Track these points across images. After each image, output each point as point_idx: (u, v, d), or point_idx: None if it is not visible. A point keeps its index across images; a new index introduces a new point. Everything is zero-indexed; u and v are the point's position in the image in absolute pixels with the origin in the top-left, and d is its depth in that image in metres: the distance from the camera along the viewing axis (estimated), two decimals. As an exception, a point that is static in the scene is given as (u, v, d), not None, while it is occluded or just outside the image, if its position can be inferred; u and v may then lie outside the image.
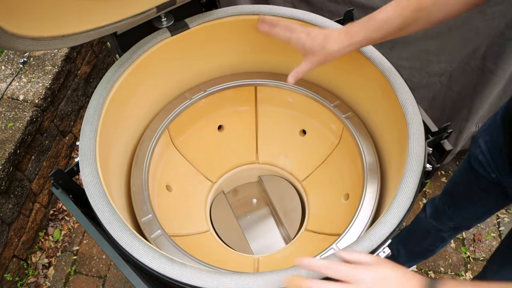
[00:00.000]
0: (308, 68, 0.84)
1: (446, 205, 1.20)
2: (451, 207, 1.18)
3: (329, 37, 0.80)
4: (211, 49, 1.10)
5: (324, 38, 0.80)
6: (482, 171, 0.99)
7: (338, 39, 0.80)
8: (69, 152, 1.85)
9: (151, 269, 0.68)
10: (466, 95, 1.45)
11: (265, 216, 1.26)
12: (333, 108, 1.09)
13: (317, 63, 0.83)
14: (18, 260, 1.58)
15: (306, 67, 0.84)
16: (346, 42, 0.79)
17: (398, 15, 0.75)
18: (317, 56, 0.81)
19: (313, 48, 0.81)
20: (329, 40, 0.80)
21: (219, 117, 1.23)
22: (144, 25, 0.98)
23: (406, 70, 1.41)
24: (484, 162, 0.97)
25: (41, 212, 1.69)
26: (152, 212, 0.91)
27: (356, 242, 0.70)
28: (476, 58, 1.34)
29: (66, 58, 1.70)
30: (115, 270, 1.65)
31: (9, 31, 0.59)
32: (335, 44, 0.79)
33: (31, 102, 1.55)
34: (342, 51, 0.80)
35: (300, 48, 0.83)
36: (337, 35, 0.80)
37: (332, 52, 0.80)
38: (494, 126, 0.94)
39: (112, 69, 0.94)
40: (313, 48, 0.81)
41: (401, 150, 0.86)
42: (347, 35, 0.79)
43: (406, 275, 0.57)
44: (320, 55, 0.81)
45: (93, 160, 0.80)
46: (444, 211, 1.21)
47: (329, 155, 1.18)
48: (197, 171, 1.23)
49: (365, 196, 0.91)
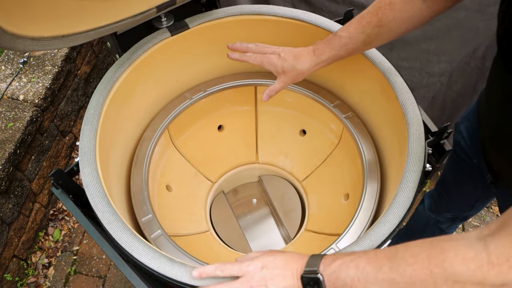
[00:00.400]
0: (281, 87, 0.90)
1: (440, 194, 1.21)
2: (445, 196, 1.20)
3: (298, 57, 0.86)
4: (211, 49, 1.10)
5: (294, 58, 0.86)
6: (465, 157, 1.00)
7: (307, 58, 0.86)
8: (69, 152, 1.85)
9: (151, 269, 0.68)
10: (466, 95, 1.45)
11: (265, 216, 1.26)
12: (333, 108, 1.09)
13: (289, 82, 0.89)
14: (18, 260, 1.58)
15: (279, 86, 0.90)
16: (314, 60, 0.86)
17: (361, 32, 0.81)
18: (289, 75, 0.88)
19: (284, 68, 0.87)
20: (298, 60, 0.86)
21: (219, 117, 1.23)
22: (144, 25, 0.98)
23: (406, 70, 1.41)
24: (466, 147, 0.98)
25: (41, 212, 1.69)
26: (152, 212, 0.91)
27: (356, 242, 0.70)
28: (476, 58, 1.34)
29: (66, 58, 1.70)
30: (115, 270, 1.65)
31: (9, 31, 0.59)
32: (305, 64, 0.86)
33: (31, 102, 1.55)
34: (312, 69, 0.87)
35: (273, 69, 0.89)
36: (306, 54, 0.86)
37: (302, 70, 0.87)
38: (472, 111, 0.95)
39: (112, 69, 0.94)
40: (284, 69, 0.87)
41: (401, 150, 0.86)
42: (315, 54, 0.86)
43: (292, 256, 0.61)
44: (292, 74, 0.87)
45: (93, 160, 0.80)
46: (440, 201, 1.22)
47: (329, 155, 1.18)
48: (197, 171, 1.23)
49: (365, 196, 0.91)
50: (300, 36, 1.06)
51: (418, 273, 0.49)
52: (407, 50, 1.36)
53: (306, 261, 0.60)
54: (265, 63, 0.90)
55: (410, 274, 0.50)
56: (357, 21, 0.82)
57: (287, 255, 0.62)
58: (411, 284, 0.50)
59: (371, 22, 0.80)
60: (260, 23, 1.05)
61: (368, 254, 0.55)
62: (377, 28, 0.80)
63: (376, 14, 0.79)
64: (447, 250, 0.48)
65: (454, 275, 0.47)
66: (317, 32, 1.02)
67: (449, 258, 0.48)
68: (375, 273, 0.53)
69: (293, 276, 0.59)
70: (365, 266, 0.54)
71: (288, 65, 0.87)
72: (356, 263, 0.55)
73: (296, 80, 0.89)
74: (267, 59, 0.89)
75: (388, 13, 0.78)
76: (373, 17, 0.79)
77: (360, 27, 0.81)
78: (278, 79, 0.90)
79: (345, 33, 0.83)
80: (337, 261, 0.57)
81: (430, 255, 0.49)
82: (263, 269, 0.61)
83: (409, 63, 1.40)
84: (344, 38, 0.83)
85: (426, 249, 0.50)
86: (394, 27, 0.79)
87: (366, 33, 0.81)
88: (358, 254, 0.56)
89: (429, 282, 0.49)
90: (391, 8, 0.77)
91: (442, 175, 1.19)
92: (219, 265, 0.64)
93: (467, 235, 0.50)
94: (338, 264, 0.56)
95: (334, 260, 0.57)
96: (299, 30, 1.04)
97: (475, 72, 1.37)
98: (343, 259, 0.57)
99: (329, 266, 0.57)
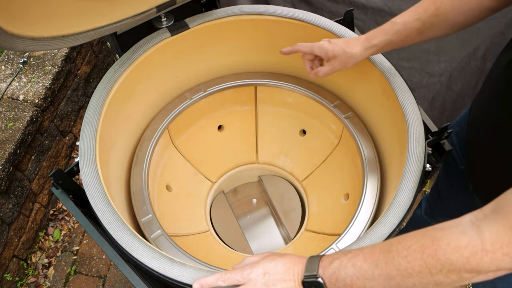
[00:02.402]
0: (329, 70, 0.88)
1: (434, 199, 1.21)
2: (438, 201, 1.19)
3: (349, 42, 0.86)
4: (211, 49, 1.10)
5: (345, 43, 0.86)
6: (453, 163, 0.99)
7: (358, 42, 0.85)
8: (69, 152, 1.85)
9: (151, 269, 0.68)
10: (466, 95, 1.45)
11: (265, 216, 1.26)
12: (333, 108, 1.09)
13: (338, 66, 0.87)
14: (18, 260, 1.58)
15: (328, 69, 0.88)
16: (365, 45, 0.84)
17: (416, 19, 0.79)
18: (339, 59, 0.86)
19: (335, 52, 0.86)
20: (349, 44, 0.85)
21: (219, 117, 1.23)
22: (144, 25, 0.98)
23: (406, 70, 1.41)
24: (455, 153, 0.97)
25: (41, 212, 1.69)
26: (152, 212, 0.91)
27: (356, 242, 0.70)
28: (476, 58, 1.34)
29: (66, 58, 1.70)
30: (115, 270, 1.65)
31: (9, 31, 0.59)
32: (355, 47, 0.84)
33: (31, 102, 1.55)
34: (363, 54, 0.85)
35: (323, 54, 0.88)
36: (357, 39, 0.85)
37: (354, 54, 0.85)
38: (464, 117, 0.94)
39: (112, 69, 0.94)
40: (335, 53, 0.86)
41: (401, 150, 0.86)
42: (367, 39, 0.84)
43: (291, 260, 0.61)
44: (342, 58, 0.86)
45: (93, 160, 0.80)
46: (434, 205, 1.22)
47: (329, 155, 1.18)
48: (197, 171, 1.23)
49: (365, 196, 0.91)
50: (300, 36, 1.06)
51: (412, 265, 0.49)
52: (407, 50, 1.36)
53: (304, 264, 0.60)
54: (315, 48, 0.88)
55: (405, 266, 0.50)
56: (413, 9, 0.80)
57: (286, 259, 0.62)
58: (407, 276, 0.50)
59: (428, 10, 0.78)
60: (260, 23, 1.05)
61: (364, 250, 0.56)
62: (433, 17, 0.77)
63: (434, 2, 0.77)
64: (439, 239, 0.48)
65: (448, 264, 0.47)
66: (317, 32, 1.02)
67: (441, 247, 0.47)
68: (372, 269, 0.53)
69: (294, 281, 0.59)
70: (362, 264, 0.54)
71: (338, 49, 0.85)
72: (353, 262, 0.55)
73: (346, 66, 0.87)
74: (317, 44, 0.88)
75: (446, 3, 0.76)
76: (430, 5, 0.77)
77: (416, 14, 0.79)
78: (327, 63, 0.88)
79: (400, 19, 0.81)
80: (335, 262, 0.57)
81: (423, 246, 0.49)
82: (265, 275, 0.61)
83: (409, 63, 1.40)
84: (398, 24, 0.81)
85: (419, 240, 0.50)
86: (451, 18, 0.76)
87: (421, 20, 0.78)
88: (355, 252, 0.56)
89: (424, 273, 0.49)
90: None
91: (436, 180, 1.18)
92: (220, 275, 0.63)
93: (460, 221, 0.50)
94: (336, 265, 0.56)
95: (332, 262, 0.57)
96: (299, 30, 1.04)
97: (475, 72, 1.37)
98: (341, 259, 0.57)
99: (328, 268, 0.57)
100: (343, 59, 0.86)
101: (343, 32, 0.99)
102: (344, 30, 0.99)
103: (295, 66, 1.17)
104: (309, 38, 1.05)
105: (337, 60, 0.87)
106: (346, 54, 0.85)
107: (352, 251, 0.57)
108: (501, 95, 0.71)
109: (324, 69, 0.89)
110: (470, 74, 1.39)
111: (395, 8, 1.24)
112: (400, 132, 0.87)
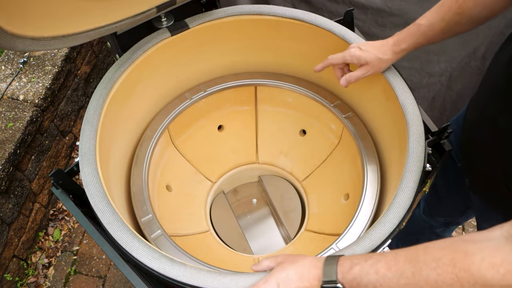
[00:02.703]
0: (362, 74, 0.90)
1: (432, 198, 1.21)
2: (436, 200, 1.19)
3: (379, 48, 0.88)
4: (211, 49, 1.10)
5: (376, 49, 0.88)
6: (451, 160, 1.00)
7: (388, 48, 0.87)
8: (69, 152, 1.85)
9: (151, 269, 0.68)
10: (466, 95, 1.45)
11: (265, 216, 1.26)
12: (333, 108, 1.09)
13: (371, 71, 0.90)
14: (18, 260, 1.58)
15: (360, 74, 0.90)
16: (395, 49, 0.86)
17: (440, 19, 0.80)
18: (371, 65, 0.89)
19: (368, 59, 0.88)
20: (380, 50, 0.87)
21: (219, 117, 1.23)
22: (144, 25, 0.98)
23: (406, 70, 1.41)
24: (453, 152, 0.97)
25: (41, 212, 1.69)
26: (152, 212, 0.91)
27: (356, 242, 0.70)
28: (476, 58, 1.34)
29: (66, 58, 1.70)
30: (115, 270, 1.65)
31: (9, 31, 0.59)
32: (387, 53, 0.87)
33: (31, 102, 1.55)
34: (394, 58, 0.88)
35: (355, 61, 0.90)
36: (386, 44, 0.87)
37: (387, 60, 0.88)
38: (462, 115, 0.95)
39: (112, 69, 0.93)
40: (368, 59, 0.88)
41: (401, 150, 0.86)
42: (395, 44, 0.86)
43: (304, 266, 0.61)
44: (374, 63, 0.88)
45: (93, 160, 0.80)
46: (432, 204, 1.22)
47: (329, 155, 1.18)
48: (197, 171, 1.23)
49: (365, 196, 0.91)
50: (300, 36, 1.06)
51: (443, 278, 0.48)
52: (407, 50, 1.36)
53: (322, 269, 0.59)
54: (347, 57, 0.90)
55: (435, 279, 0.49)
56: (436, 9, 0.81)
57: (298, 265, 0.61)
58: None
59: (451, 8, 0.78)
60: (260, 23, 1.05)
61: (387, 257, 0.54)
62: (457, 16, 0.78)
63: (456, 0, 0.78)
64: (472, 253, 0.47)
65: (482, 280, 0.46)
66: (317, 32, 1.02)
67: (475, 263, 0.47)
68: (397, 278, 0.52)
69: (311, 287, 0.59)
70: (385, 271, 0.53)
71: (371, 56, 0.87)
72: (376, 269, 0.54)
73: (378, 70, 0.90)
74: (348, 52, 0.90)
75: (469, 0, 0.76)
76: (453, 4, 0.78)
77: (440, 14, 0.80)
78: (360, 68, 0.90)
79: (424, 20, 0.82)
80: (355, 267, 0.56)
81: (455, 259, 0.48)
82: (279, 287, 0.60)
83: (409, 63, 1.40)
84: (423, 26, 0.82)
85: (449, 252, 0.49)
86: (475, 13, 0.77)
87: (445, 20, 0.79)
88: (377, 258, 0.55)
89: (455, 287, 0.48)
90: None
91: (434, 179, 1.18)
92: None
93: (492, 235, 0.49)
94: (357, 270, 0.55)
95: (352, 267, 0.56)
96: (299, 30, 1.04)
97: (475, 72, 1.37)
98: (362, 265, 0.56)
99: (348, 273, 0.56)
100: (376, 65, 0.88)
101: (343, 32, 0.99)
102: (344, 30, 0.99)
103: (295, 66, 1.17)
104: (309, 38, 1.05)
105: (370, 66, 0.89)
106: (380, 60, 0.88)
107: (372, 256, 0.56)
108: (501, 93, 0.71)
109: (357, 74, 0.90)
110: (470, 74, 1.39)
111: (395, 8, 1.24)
112: (400, 132, 0.87)
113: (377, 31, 1.31)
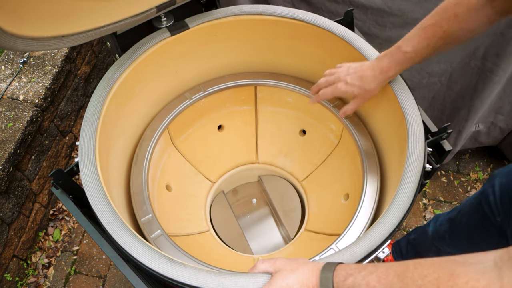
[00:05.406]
0: (355, 107, 0.96)
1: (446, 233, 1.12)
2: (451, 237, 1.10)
3: (364, 78, 0.89)
4: (211, 49, 1.10)
5: (361, 81, 0.90)
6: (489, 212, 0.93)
7: (374, 78, 0.88)
8: (69, 152, 1.85)
9: (151, 269, 0.68)
10: (466, 95, 1.45)
11: (265, 216, 1.26)
12: (333, 108, 1.09)
13: (362, 102, 0.94)
14: (18, 260, 1.58)
15: (353, 106, 0.96)
16: (381, 78, 0.88)
17: (426, 46, 0.80)
18: (360, 97, 0.92)
19: (355, 93, 0.92)
20: (365, 80, 0.89)
21: (219, 117, 1.23)
22: (144, 25, 0.98)
23: (406, 70, 1.41)
24: (493, 203, 0.92)
25: (41, 212, 1.69)
26: (152, 212, 0.91)
27: (356, 243, 0.70)
28: (476, 58, 1.34)
29: (66, 58, 1.70)
30: (115, 270, 1.65)
31: (9, 31, 0.59)
32: (372, 83, 0.89)
33: (31, 102, 1.55)
34: (379, 87, 0.90)
35: (344, 96, 0.98)
36: (372, 73, 0.88)
37: (371, 90, 0.90)
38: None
39: (112, 69, 0.94)
40: (355, 93, 0.92)
41: (401, 150, 0.86)
42: (381, 73, 0.87)
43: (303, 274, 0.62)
44: (363, 95, 0.92)
45: (93, 160, 0.80)
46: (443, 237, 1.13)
47: (329, 155, 1.18)
48: (197, 171, 1.23)
49: (365, 196, 0.91)
50: (300, 36, 1.06)
51: None
52: (407, 50, 1.35)
53: (319, 278, 0.60)
54: (336, 94, 0.95)
55: None
56: (420, 34, 0.80)
57: (298, 273, 0.62)
58: None
59: (436, 34, 0.78)
60: (260, 23, 1.05)
61: (379, 270, 0.55)
62: (442, 40, 0.78)
63: (440, 26, 0.77)
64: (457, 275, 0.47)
65: None
66: (317, 32, 1.02)
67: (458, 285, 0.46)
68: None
69: None
70: (375, 284, 0.54)
71: (357, 89, 0.91)
72: (367, 281, 0.55)
73: (368, 99, 0.93)
74: (336, 90, 0.94)
75: (453, 25, 0.76)
76: (437, 29, 0.77)
77: (425, 40, 0.80)
78: (352, 102, 0.95)
79: (410, 48, 0.82)
80: (349, 278, 0.57)
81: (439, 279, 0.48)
82: None
83: (409, 63, 1.39)
84: (409, 53, 0.83)
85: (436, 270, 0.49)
86: (461, 35, 0.77)
87: (431, 46, 0.80)
88: (369, 270, 0.56)
89: None
90: (457, 20, 0.75)
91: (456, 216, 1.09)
92: None
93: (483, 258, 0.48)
94: (351, 281, 0.57)
95: (346, 277, 0.58)
96: (299, 30, 1.04)
97: (475, 72, 1.37)
98: (355, 276, 0.57)
99: (343, 283, 0.57)
100: (364, 96, 0.92)
101: (343, 32, 0.99)
102: (344, 30, 0.99)
103: (295, 66, 1.17)
104: (309, 38, 1.05)
105: (360, 98, 0.92)
106: (366, 91, 0.90)
107: (367, 267, 0.57)
108: None
109: (351, 107, 0.96)
110: (470, 74, 1.39)
111: (395, 8, 1.23)
112: (400, 132, 0.87)
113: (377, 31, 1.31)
